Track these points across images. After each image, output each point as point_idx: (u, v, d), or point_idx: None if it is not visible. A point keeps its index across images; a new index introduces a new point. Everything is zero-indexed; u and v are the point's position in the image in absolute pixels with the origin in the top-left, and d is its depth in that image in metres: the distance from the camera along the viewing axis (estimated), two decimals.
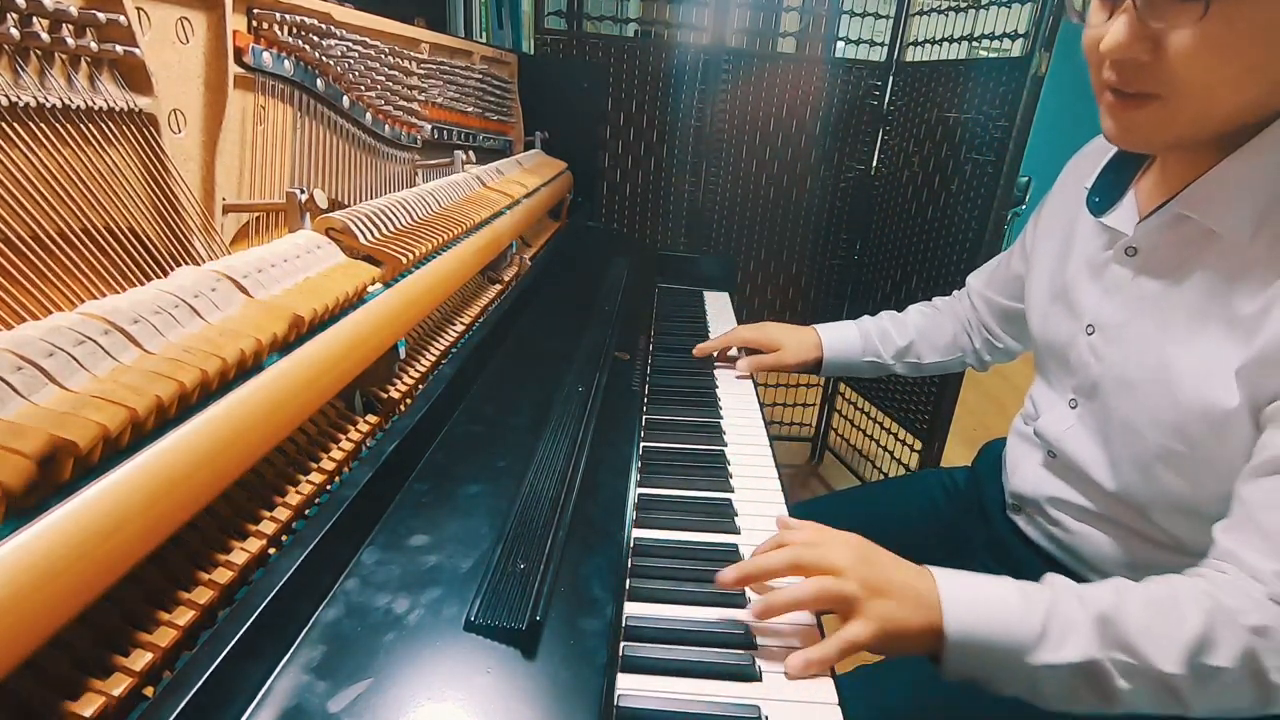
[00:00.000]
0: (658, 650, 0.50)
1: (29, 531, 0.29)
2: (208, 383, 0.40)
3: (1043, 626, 0.50)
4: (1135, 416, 0.63)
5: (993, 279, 0.96)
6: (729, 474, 0.74)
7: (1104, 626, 0.50)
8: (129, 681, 0.34)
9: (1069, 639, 0.50)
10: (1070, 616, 0.51)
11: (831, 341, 1.02)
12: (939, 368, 1.03)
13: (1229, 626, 0.49)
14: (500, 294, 0.98)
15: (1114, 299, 0.67)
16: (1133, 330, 0.65)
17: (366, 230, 0.65)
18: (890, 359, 1.02)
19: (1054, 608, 0.51)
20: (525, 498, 0.55)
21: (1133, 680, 0.50)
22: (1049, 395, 0.77)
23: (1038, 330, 0.80)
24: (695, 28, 1.85)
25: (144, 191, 0.51)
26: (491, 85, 1.29)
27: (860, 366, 1.03)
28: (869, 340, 1.02)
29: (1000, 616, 0.51)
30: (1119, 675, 0.50)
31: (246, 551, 0.43)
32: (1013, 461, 0.82)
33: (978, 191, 1.54)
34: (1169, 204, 0.62)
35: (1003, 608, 0.52)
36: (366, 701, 0.37)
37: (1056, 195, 0.82)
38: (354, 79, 0.79)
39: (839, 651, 0.51)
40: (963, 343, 1.00)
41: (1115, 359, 0.66)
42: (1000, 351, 0.98)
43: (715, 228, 1.98)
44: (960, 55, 1.68)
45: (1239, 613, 0.49)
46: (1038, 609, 0.51)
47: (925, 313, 1.03)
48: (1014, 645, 0.51)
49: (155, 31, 0.53)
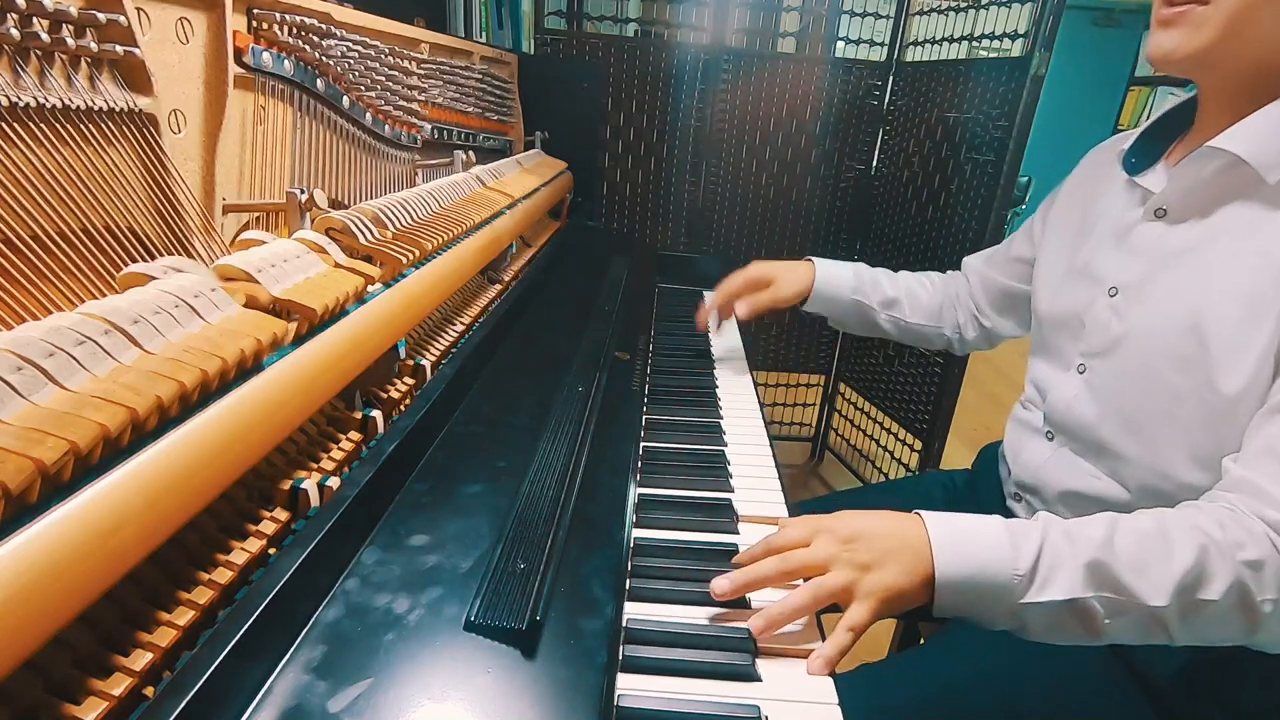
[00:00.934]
0: (658, 650, 0.50)
1: (29, 531, 0.29)
2: (208, 383, 0.40)
3: (1031, 568, 0.52)
4: (1158, 364, 0.64)
5: (993, 258, 0.97)
6: (729, 474, 0.74)
7: (1092, 567, 0.51)
8: (129, 681, 0.34)
9: (1056, 579, 0.51)
10: (1058, 556, 0.52)
11: (824, 273, 1.01)
12: (918, 333, 1.03)
13: (1222, 559, 0.50)
14: (500, 294, 0.98)
15: (1140, 259, 0.68)
16: (1160, 284, 0.66)
17: (366, 230, 0.65)
18: (876, 304, 1.01)
19: (1043, 548, 0.52)
20: (525, 498, 0.55)
21: (1119, 615, 0.51)
22: (1052, 372, 0.78)
23: (1046, 307, 0.80)
24: (695, 28, 1.85)
25: (144, 191, 0.51)
26: (491, 85, 1.29)
27: (847, 306, 1.02)
28: (860, 280, 1.01)
29: (989, 559, 0.52)
30: (1106, 612, 0.51)
31: (246, 551, 0.43)
32: (1013, 449, 0.82)
33: (978, 191, 1.54)
34: (1201, 148, 0.63)
35: (991, 550, 0.53)
36: (366, 701, 0.37)
37: (1074, 184, 0.83)
38: (354, 79, 0.79)
39: (851, 639, 0.51)
40: (946, 316, 1.01)
41: (1139, 314, 0.67)
42: (980, 335, 1.00)
43: (715, 228, 1.98)
44: (960, 55, 1.68)
45: (1235, 546, 0.50)
46: (1027, 551, 0.52)
47: (917, 277, 1.05)
48: (1002, 586, 0.52)
49: (155, 31, 0.53)
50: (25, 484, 0.29)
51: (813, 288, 1.01)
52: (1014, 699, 0.65)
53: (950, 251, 1.63)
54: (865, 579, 0.53)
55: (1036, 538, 0.53)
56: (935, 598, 0.53)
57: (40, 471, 0.30)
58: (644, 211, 1.97)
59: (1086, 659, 0.66)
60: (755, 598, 0.55)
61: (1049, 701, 0.65)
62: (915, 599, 0.53)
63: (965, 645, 0.69)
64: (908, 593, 0.53)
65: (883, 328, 1.03)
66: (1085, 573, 0.51)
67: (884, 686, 0.68)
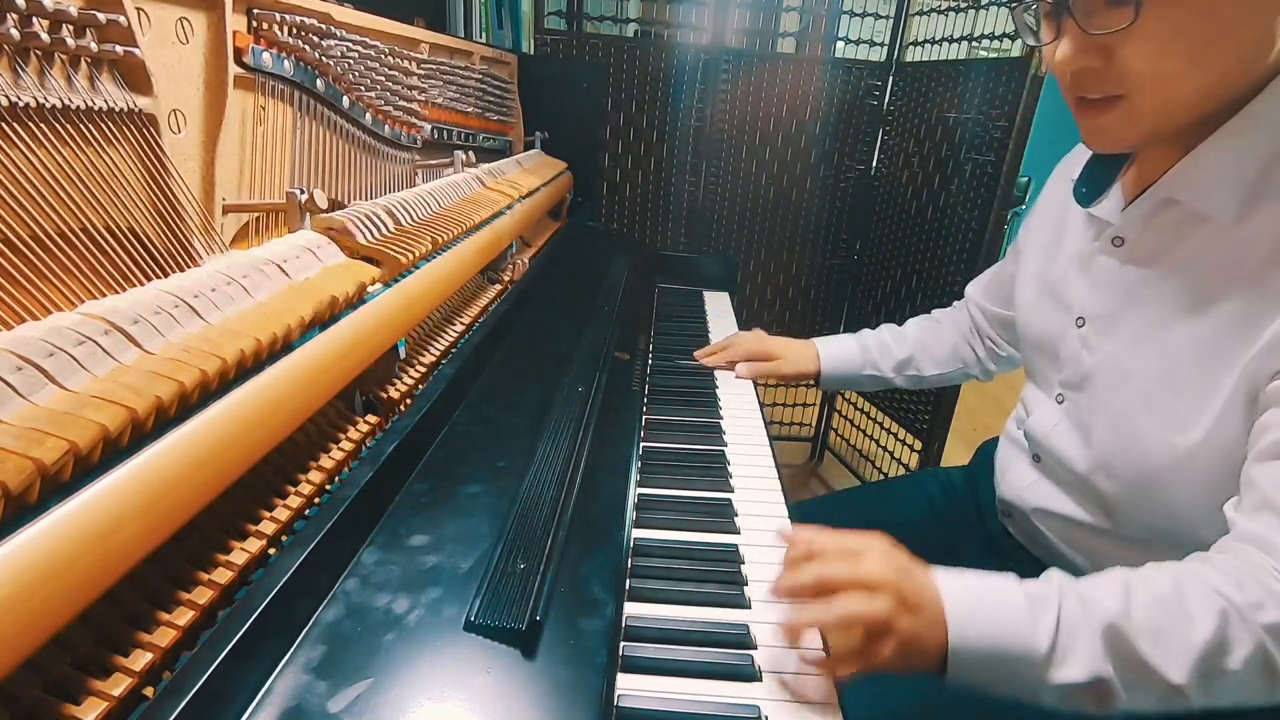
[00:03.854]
0: (658, 650, 0.50)
1: (29, 531, 0.29)
2: (208, 383, 0.40)
3: (1050, 641, 0.48)
4: (1130, 405, 0.63)
5: (989, 288, 0.96)
6: (729, 474, 0.74)
7: (1111, 640, 0.48)
8: (129, 682, 0.34)
9: (1075, 654, 0.48)
10: (1075, 628, 0.49)
11: (829, 355, 1.02)
12: (941, 379, 1.02)
13: (1243, 626, 0.47)
14: (500, 294, 0.98)
15: (1103, 290, 0.67)
16: (1125, 320, 0.64)
17: (366, 230, 0.65)
18: (890, 372, 1.01)
19: (1060, 619, 0.49)
20: (525, 498, 0.55)
21: (1138, 689, 0.49)
22: (1037, 394, 0.77)
23: (1024, 325, 0.80)
24: (695, 28, 1.85)
25: (144, 191, 0.51)
26: (491, 85, 1.29)
27: (860, 380, 1.03)
28: (868, 353, 1.01)
29: (1006, 630, 0.49)
30: (1124, 688, 0.48)
31: (246, 551, 0.43)
32: (1001, 466, 0.82)
33: (978, 191, 1.54)
34: (1152, 188, 0.62)
35: (1007, 619, 0.49)
36: (366, 701, 0.37)
37: (1047, 195, 0.82)
38: (354, 79, 0.79)
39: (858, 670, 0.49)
40: (964, 354, 1.00)
41: (1108, 350, 0.66)
42: (1004, 360, 0.98)
43: (715, 228, 1.98)
44: (960, 55, 1.68)
45: (1255, 608, 0.47)
46: (1044, 622, 0.49)
47: (924, 325, 1.03)
48: (1020, 659, 0.49)
49: (155, 31, 0.53)
50: (25, 484, 0.29)
51: (819, 372, 1.01)
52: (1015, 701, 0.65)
53: (950, 252, 1.63)
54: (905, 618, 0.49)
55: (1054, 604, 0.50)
56: (949, 665, 0.49)
57: (40, 471, 0.30)
58: (644, 211, 1.96)
59: None
60: None
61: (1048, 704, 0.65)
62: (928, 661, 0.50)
63: None
64: (927, 651, 0.49)
65: (903, 386, 1.03)
66: (1104, 644, 0.48)
67: (884, 688, 0.68)
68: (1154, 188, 0.61)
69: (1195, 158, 0.58)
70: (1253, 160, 0.56)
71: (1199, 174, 0.58)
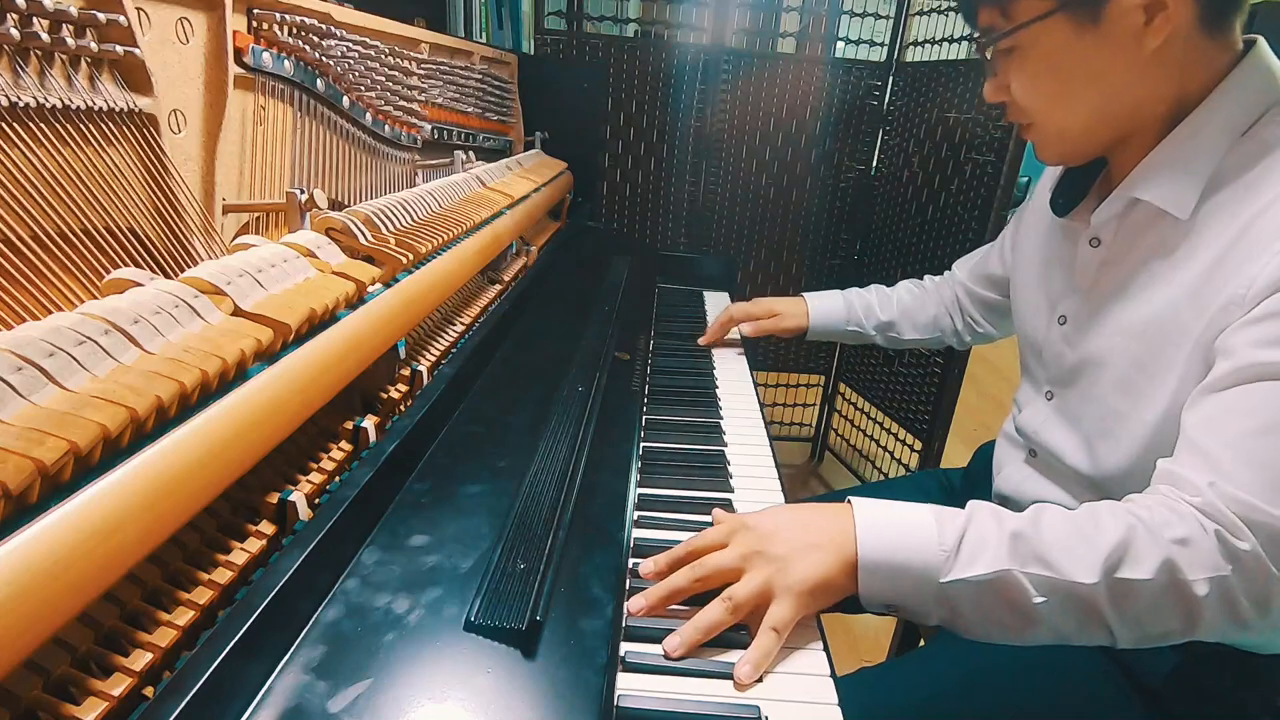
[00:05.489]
0: (658, 650, 0.50)
1: (29, 531, 0.29)
2: (208, 383, 0.40)
3: (955, 545, 0.51)
4: (1108, 393, 0.66)
5: (974, 271, 1.02)
6: (729, 474, 0.74)
7: (1017, 540, 0.51)
8: (129, 681, 0.34)
9: (981, 555, 0.50)
10: (984, 534, 0.51)
11: (817, 309, 1.10)
12: (916, 344, 1.11)
13: (1149, 538, 0.50)
14: (500, 294, 0.98)
15: (1083, 289, 0.71)
16: (1101, 315, 0.68)
17: (366, 230, 0.65)
18: (871, 330, 1.09)
19: (968, 527, 0.52)
20: (525, 498, 0.55)
21: (1048, 595, 0.49)
22: (1029, 391, 0.81)
23: (1017, 326, 0.84)
24: (695, 28, 1.85)
25: (144, 191, 0.51)
26: (491, 85, 1.29)
27: (843, 334, 1.12)
28: (853, 310, 1.10)
29: (913, 539, 0.52)
30: (1034, 590, 0.49)
31: (246, 551, 0.43)
32: (998, 463, 0.84)
33: (978, 191, 1.55)
34: (1118, 189, 0.65)
35: (916, 530, 0.52)
36: (366, 701, 0.37)
37: (1037, 199, 0.85)
38: (354, 79, 0.79)
39: (775, 639, 0.49)
40: (943, 324, 1.07)
41: (1088, 345, 0.69)
42: (980, 334, 1.05)
43: (715, 228, 1.98)
44: (960, 55, 1.68)
45: (1162, 526, 0.50)
46: (951, 530, 0.52)
47: (913, 291, 1.09)
48: (926, 566, 0.51)
49: (155, 31, 0.53)
50: (25, 484, 0.29)
51: (809, 323, 1.10)
52: (1013, 702, 0.65)
53: (950, 251, 1.63)
54: (781, 576, 0.51)
55: (963, 519, 0.52)
56: (860, 583, 0.52)
57: (40, 471, 0.30)
58: (644, 211, 1.97)
59: (1083, 662, 0.66)
60: None
61: (1047, 704, 0.65)
62: (841, 588, 0.52)
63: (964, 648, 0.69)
64: (831, 582, 0.52)
65: (882, 346, 1.12)
66: (1010, 545, 0.50)
67: (884, 688, 0.69)
68: (1120, 188, 0.65)
69: (1152, 159, 0.63)
70: (1205, 158, 0.59)
71: (1155, 173, 0.62)
